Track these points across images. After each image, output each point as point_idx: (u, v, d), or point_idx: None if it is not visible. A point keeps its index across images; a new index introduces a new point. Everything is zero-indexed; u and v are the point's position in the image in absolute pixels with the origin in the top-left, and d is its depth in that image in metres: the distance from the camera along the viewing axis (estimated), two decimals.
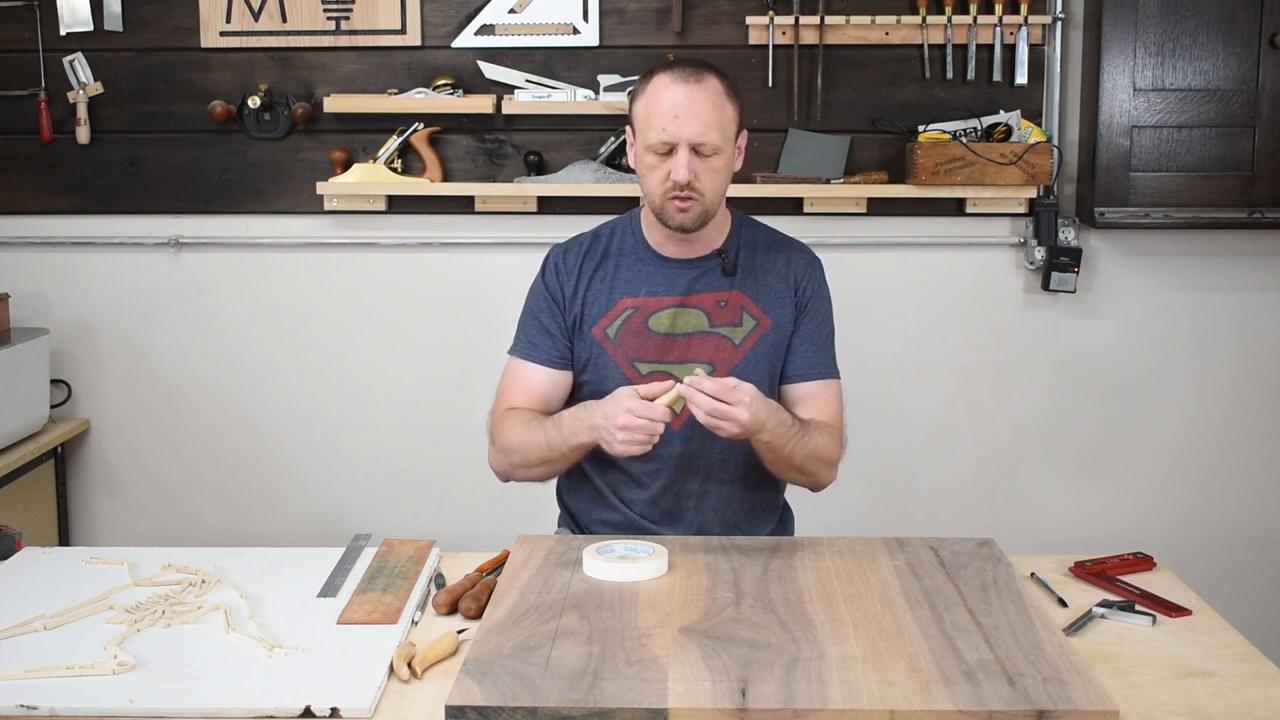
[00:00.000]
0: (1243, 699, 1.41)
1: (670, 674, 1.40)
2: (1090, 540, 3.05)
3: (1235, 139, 2.85)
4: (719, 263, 2.02)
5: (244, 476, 3.16)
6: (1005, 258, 3.05)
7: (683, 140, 1.87)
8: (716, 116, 1.88)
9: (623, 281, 2.03)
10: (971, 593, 1.66)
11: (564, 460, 1.93)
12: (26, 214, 3.08)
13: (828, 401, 2.02)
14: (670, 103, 1.88)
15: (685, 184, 1.88)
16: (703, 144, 1.88)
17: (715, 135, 1.88)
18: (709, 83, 1.89)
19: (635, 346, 2.00)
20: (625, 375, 1.98)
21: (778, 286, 2.03)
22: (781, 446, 1.87)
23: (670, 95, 1.88)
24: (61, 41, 3.01)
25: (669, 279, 2.01)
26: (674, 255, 2.03)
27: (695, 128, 1.87)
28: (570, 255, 2.07)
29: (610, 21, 2.97)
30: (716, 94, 1.89)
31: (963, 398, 3.10)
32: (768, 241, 2.08)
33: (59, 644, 1.56)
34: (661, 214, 1.95)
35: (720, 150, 1.90)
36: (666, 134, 1.88)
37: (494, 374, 2.09)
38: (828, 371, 2.04)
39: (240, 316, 3.11)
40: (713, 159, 1.90)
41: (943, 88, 2.97)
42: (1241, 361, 3.07)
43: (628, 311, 2.01)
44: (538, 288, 2.08)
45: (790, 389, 2.03)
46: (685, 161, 1.87)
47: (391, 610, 1.66)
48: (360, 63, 3.01)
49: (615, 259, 2.04)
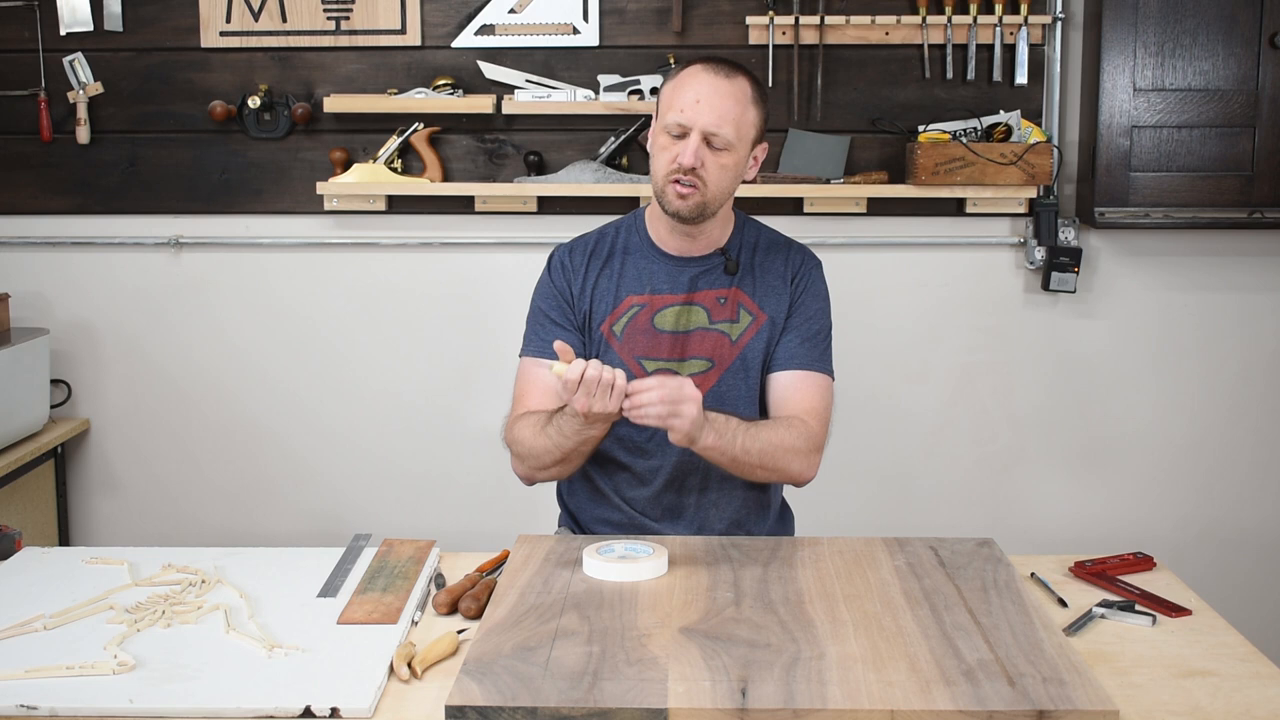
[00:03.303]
0: (1243, 699, 1.41)
1: (670, 674, 1.40)
2: (1090, 540, 3.05)
3: (1235, 139, 2.85)
4: (722, 261, 2.03)
5: (244, 476, 3.16)
6: (1005, 258, 3.05)
7: (697, 126, 1.88)
8: (736, 113, 1.89)
9: (629, 279, 2.03)
10: (971, 593, 1.66)
11: (577, 452, 1.91)
12: (26, 214, 3.08)
13: (806, 391, 1.99)
14: (695, 89, 1.89)
15: (690, 169, 1.88)
16: (715, 135, 1.88)
17: (730, 131, 1.89)
18: (739, 81, 1.91)
19: (642, 344, 2.01)
20: (632, 372, 1.97)
21: (775, 284, 2.04)
22: (729, 446, 1.85)
23: (697, 82, 1.90)
24: (61, 41, 3.01)
25: (673, 276, 2.02)
26: (678, 253, 2.03)
27: (712, 117, 1.88)
28: (576, 254, 2.07)
29: (610, 21, 2.97)
30: (743, 93, 1.91)
31: (963, 398, 3.10)
32: (769, 242, 2.08)
33: (59, 644, 1.56)
34: (661, 197, 1.95)
35: (732, 148, 1.90)
36: (683, 116, 1.89)
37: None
38: (812, 364, 2.01)
39: (240, 316, 3.11)
40: (723, 154, 1.90)
41: (943, 88, 2.97)
42: (1241, 361, 3.07)
43: (634, 309, 2.02)
44: (544, 287, 2.08)
45: (771, 378, 2.02)
46: (694, 148, 1.88)
47: (391, 610, 1.66)
48: (360, 63, 3.01)
49: (621, 256, 2.05)
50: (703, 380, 1.99)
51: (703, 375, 1.99)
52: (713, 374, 2.00)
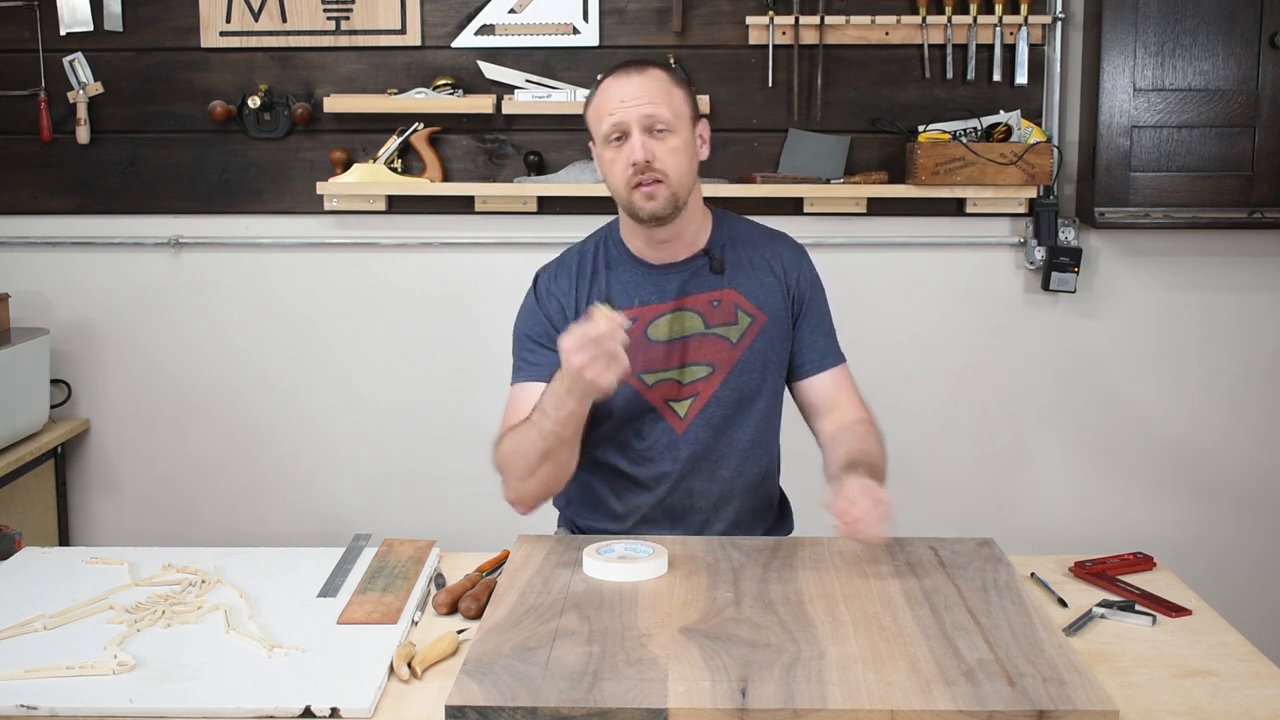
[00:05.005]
0: (1243, 699, 1.41)
1: (670, 674, 1.40)
2: (1090, 540, 3.05)
3: (1235, 139, 2.85)
4: (706, 262, 2.00)
5: (244, 476, 3.16)
6: (1005, 258, 3.05)
7: (632, 120, 1.87)
8: (664, 96, 1.89)
9: (616, 295, 2.00)
10: (971, 593, 1.66)
11: (560, 443, 1.83)
12: (26, 214, 3.08)
13: (844, 388, 2.05)
14: (616, 92, 1.89)
15: (645, 163, 1.86)
16: (653, 118, 1.87)
17: (665, 110, 1.88)
18: (651, 71, 1.91)
19: (639, 359, 1.97)
20: (633, 388, 1.96)
21: (768, 280, 2.02)
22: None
23: (615, 86, 1.90)
24: (61, 41, 3.01)
25: (660, 286, 1.99)
26: (660, 261, 2.00)
27: (642, 106, 1.87)
28: (561, 279, 2.03)
29: (610, 21, 2.97)
30: (661, 79, 1.91)
31: (963, 398, 3.10)
32: (751, 235, 2.06)
33: (59, 644, 1.56)
34: (630, 207, 1.92)
35: (674, 128, 1.89)
36: (615, 118, 1.88)
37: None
38: (836, 357, 2.06)
39: (240, 316, 3.11)
40: (669, 138, 1.89)
41: (943, 88, 2.97)
42: (1241, 361, 3.07)
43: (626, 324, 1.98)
44: (531, 314, 2.03)
45: (805, 385, 2.04)
46: (640, 142, 1.87)
47: (391, 610, 1.66)
48: (360, 63, 3.01)
49: (604, 273, 2.02)
50: (705, 385, 1.98)
51: (705, 381, 1.98)
52: (714, 379, 1.98)
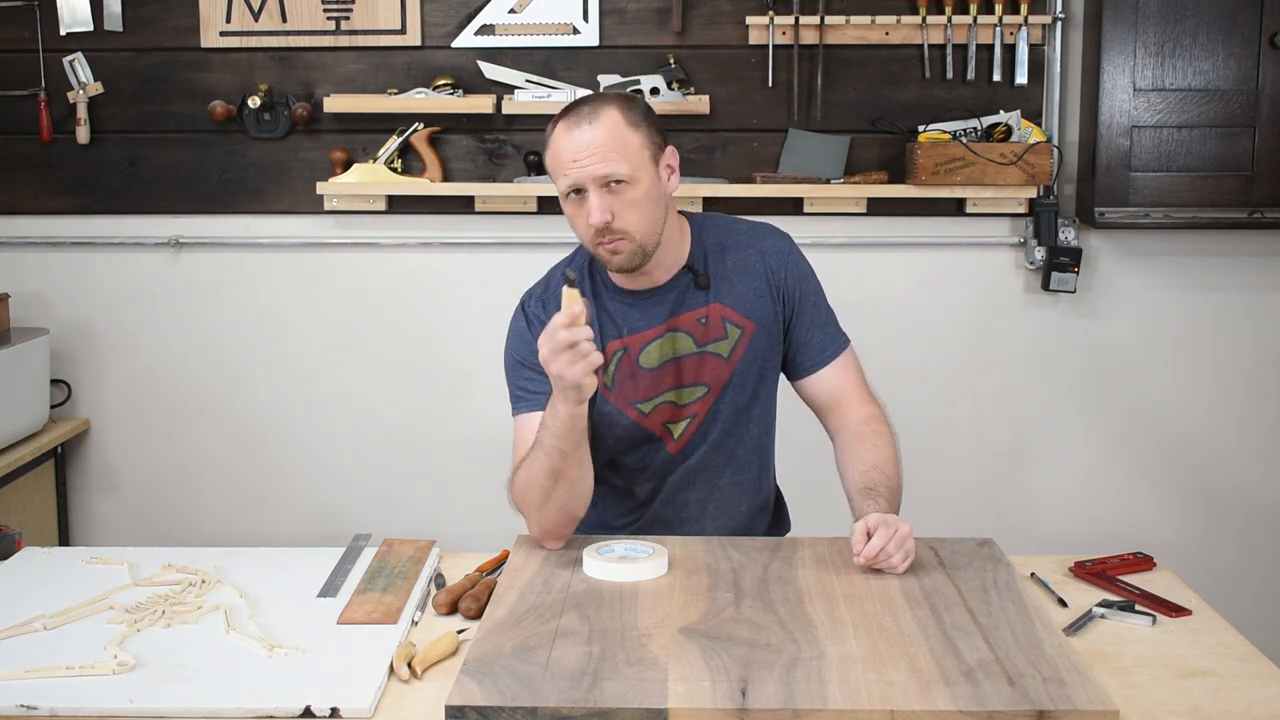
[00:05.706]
0: (1243, 699, 1.41)
1: (670, 674, 1.40)
2: (1090, 540, 3.05)
3: (1235, 139, 2.85)
4: (690, 278, 1.95)
5: (244, 476, 3.16)
6: (1005, 258, 3.05)
7: (587, 180, 1.80)
8: (616, 147, 1.80)
9: (605, 325, 1.95)
10: (971, 593, 1.66)
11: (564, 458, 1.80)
12: (26, 214, 3.08)
13: (848, 381, 1.99)
14: (568, 149, 1.81)
15: (604, 225, 1.81)
16: (609, 177, 1.80)
17: (621, 166, 1.79)
18: (604, 118, 1.80)
19: (631, 389, 1.94)
20: (630, 419, 1.95)
21: (754, 284, 1.96)
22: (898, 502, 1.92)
23: (566, 142, 1.82)
24: (61, 41, 3.01)
25: (647, 312, 1.95)
26: (643, 287, 1.95)
27: (595, 167, 1.79)
28: (550, 306, 1.96)
29: (610, 21, 2.97)
30: (613, 126, 1.81)
31: (963, 398, 3.10)
32: (732, 238, 2.00)
33: (59, 644, 1.56)
34: (599, 260, 1.89)
35: (633, 179, 1.81)
36: (570, 179, 1.81)
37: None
38: (837, 347, 2.00)
39: (240, 316, 3.11)
40: (627, 191, 1.81)
41: (943, 88, 2.97)
42: (1242, 361, 3.07)
43: (617, 354, 1.95)
44: (520, 340, 1.98)
45: (808, 383, 2.00)
46: (598, 203, 1.80)
47: (391, 610, 1.66)
48: (360, 63, 3.01)
49: (591, 301, 1.96)
50: (701, 405, 1.95)
51: (701, 401, 1.95)
52: (710, 397, 1.96)
